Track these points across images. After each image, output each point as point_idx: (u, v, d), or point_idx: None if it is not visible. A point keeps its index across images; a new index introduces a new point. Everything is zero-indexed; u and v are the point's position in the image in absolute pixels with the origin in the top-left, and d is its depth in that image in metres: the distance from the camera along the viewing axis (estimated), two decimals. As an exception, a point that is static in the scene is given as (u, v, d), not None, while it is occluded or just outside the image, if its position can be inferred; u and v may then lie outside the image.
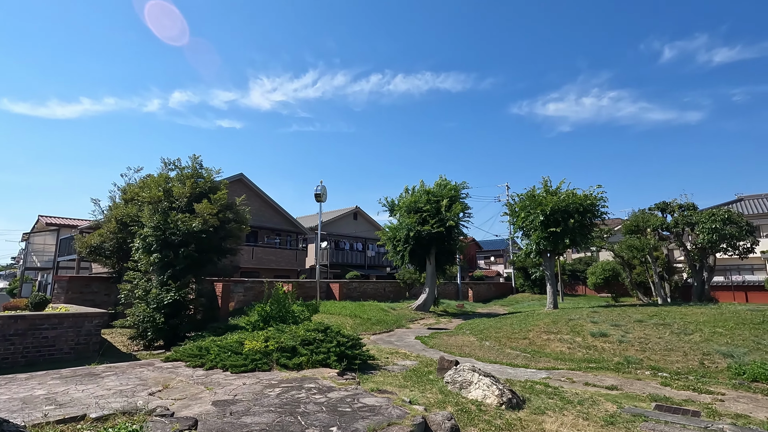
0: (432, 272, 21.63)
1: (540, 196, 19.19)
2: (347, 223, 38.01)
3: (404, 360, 9.34)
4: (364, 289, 24.11)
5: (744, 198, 37.38)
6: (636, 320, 11.92)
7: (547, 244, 18.82)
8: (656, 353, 9.67)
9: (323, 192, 19.52)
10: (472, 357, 10.37)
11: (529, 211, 19.25)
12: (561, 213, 18.15)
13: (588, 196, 18.52)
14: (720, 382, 7.82)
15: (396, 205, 22.53)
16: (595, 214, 18.89)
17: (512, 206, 21.11)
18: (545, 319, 13.68)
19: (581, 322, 12.45)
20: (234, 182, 26.02)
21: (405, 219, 20.90)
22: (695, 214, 21.81)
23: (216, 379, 6.61)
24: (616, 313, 13.10)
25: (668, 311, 12.95)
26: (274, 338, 8.29)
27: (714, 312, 12.31)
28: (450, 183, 21.86)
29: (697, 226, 20.98)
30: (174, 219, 13.07)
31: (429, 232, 20.09)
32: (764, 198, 36.57)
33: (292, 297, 12.84)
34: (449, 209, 20.58)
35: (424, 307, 21.12)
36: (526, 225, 19.53)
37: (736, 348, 9.12)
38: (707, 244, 20.41)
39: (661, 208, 24.21)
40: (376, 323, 16.00)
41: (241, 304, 17.29)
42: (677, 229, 22.54)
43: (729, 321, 10.91)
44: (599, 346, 10.58)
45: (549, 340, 11.63)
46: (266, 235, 30.05)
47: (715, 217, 20.34)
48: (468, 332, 14.41)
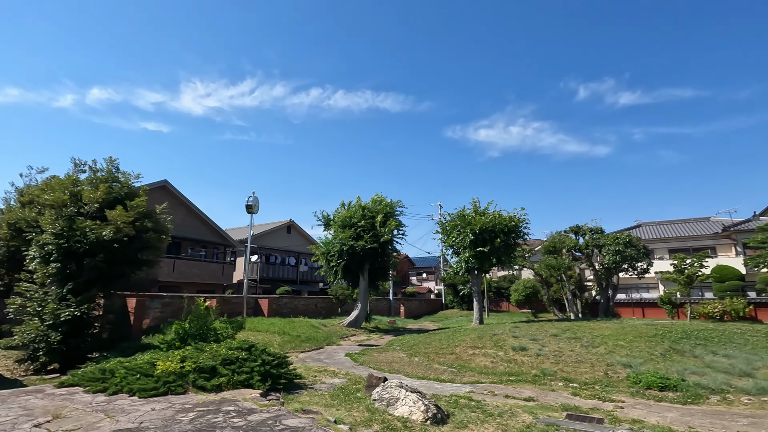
0: (365, 288, 21.59)
1: (470, 216, 20.11)
2: (280, 237, 36.89)
3: (333, 378, 9.12)
4: (294, 305, 23.39)
5: (642, 224, 42.29)
6: (552, 334, 12.79)
7: (475, 262, 19.69)
8: (568, 365, 10.41)
9: (255, 203, 18.81)
10: (401, 373, 10.41)
11: (459, 231, 20.06)
12: (488, 233, 19.15)
13: (513, 218, 19.75)
14: (621, 390, 8.59)
15: (331, 219, 22.34)
16: (519, 235, 20.18)
17: (444, 225, 21.89)
18: (471, 334, 14.19)
19: (504, 336, 13.09)
20: (156, 189, 24.19)
21: (340, 234, 20.76)
22: (603, 237, 24.20)
23: (120, 405, 5.94)
24: (534, 328, 13.96)
25: (579, 326, 14.06)
26: (192, 358, 7.69)
27: (617, 326, 13.59)
28: (386, 200, 22.18)
29: (604, 248, 23.25)
30: (81, 226, 11.76)
31: (363, 248, 20.11)
32: (658, 224, 41.65)
33: (215, 313, 12.05)
34: (384, 225, 20.81)
35: (355, 324, 20.94)
36: (457, 243, 20.31)
37: (634, 359, 10.11)
38: (612, 264, 22.66)
39: (574, 231, 26.51)
40: (305, 340, 15.53)
41: (157, 322, 15.89)
42: (588, 251, 24.80)
43: (629, 334, 12.10)
44: (519, 360, 11.17)
45: (474, 355, 12.05)
46: (190, 246, 28.16)
47: (619, 240, 22.71)
48: (398, 348, 14.49)
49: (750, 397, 7.95)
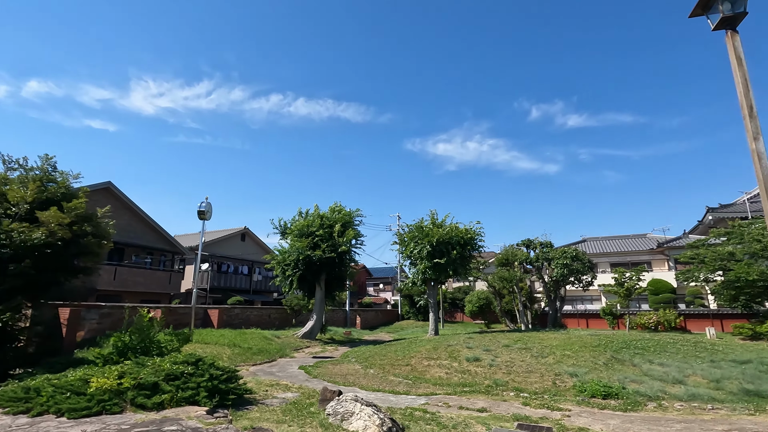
0: (321, 298, 21.22)
1: (427, 228, 20.41)
2: (234, 245, 35.60)
3: (285, 392, 8.80)
4: (246, 315, 22.53)
5: (587, 239, 44.80)
6: (504, 345, 13.12)
7: (432, 273, 19.95)
8: (519, 375, 10.70)
9: (208, 209, 18.03)
10: (356, 386, 10.24)
11: (417, 242, 20.28)
12: (445, 245, 19.50)
13: (469, 231, 20.26)
14: (568, 399, 8.92)
15: (288, 227, 21.86)
16: (474, 247, 20.71)
17: (402, 236, 22.05)
18: (427, 345, 14.27)
19: (458, 347, 13.27)
20: (99, 191, 22.63)
21: (297, 243, 20.33)
22: (552, 251, 25.35)
23: (45, 427, 5.39)
24: (488, 339, 14.27)
25: (530, 337, 14.54)
26: (132, 373, 7.14)
27: (564, 337, 14.18)
28: (344, 209, 22.04)
29: (553, 261, 24.35)
30: (6, 228, 10.71)
31: (320, 257, 19.80)
32: (601, 240, 44.29)
33: (159, 325, 11.31)
34: (342, 235, 20.64)
35: (310, 335, 20.48)
36: (414, 254, 20.50)
37: (580, 368, 10.56)
38: (560, 277, 23.76)
39: (526, 245, 27.60)
40: (257, 353, 14.95)
41: (93, 334, 14.69)
42: (538, 264, 25.86)
43: (575, 345, 12.65)
44: (473, 370, 11.34)
45: (429, 366, 12.11)
46: (135, 253, 26.49)
47: (566, 254, 23.87)
48: (353, 360, 14.29)
49: (682, 403, 8.52)
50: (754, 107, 5.15)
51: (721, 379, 9.67)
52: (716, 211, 34.81)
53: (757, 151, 5.02)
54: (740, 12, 5.28)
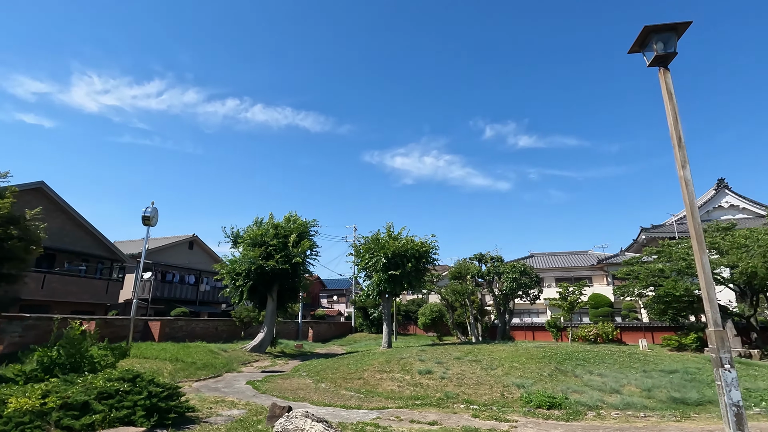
0: (272, 310, 20.60)
1: (383, 240, 20.49)
2: (181, 253, 33.87)
3: (231, 409, 8.40)
4: (192, 328, 21.40)
5: (535, 254, 46.92)
6: (455, 357, 13.33)
7: (387, 286, 19.99)
8: (470, 387, 10.89)
9: (154, 215, 17.08)
10: (307, 401, 9.98)
11: (373, 254, 20.28)
12: (401, 257, 19.65)
13: (424, 244, 20.56)
14: (515, 410, 9.18)
15: (240, 236, 21.14)
16: (429, 260, 21.02)
17: (358, 248, 22.00)
18: (380, 358, 14.21)
19: (411, 360, 13.32)
20: (30, 191, 20.82)
21: (249, 252, 19.68)
22: (502, 265, 26.29)
23: (-50, 455, 4.78)
24: (439, 352, 14.44)
25: (480, 349, 14.88)
26: (58, 392, 6.53)
27: (512, 349, 14.65)
28: (300, 219, 21.69)
29: (503, 275, 25.24)
30: None
31: (273, 268, 19.27)
32: (548, 255, 46.56)
33: (93, 338, 10.45)
34: (297, 245, 20.25)
35: (260, 348, 19.77)
36: (370, 266, 20.48)
37: (527, 380, 10.93)
38: (509, 291, 24.64)
39: (478, 259, 28.45)
40: (202, 368, 14.19)
41: (15, 348, 13.33)
42: (489, 277, 26.70)
43: (522, 356, 13.10)
44: (425, 383, 11.41)
45: (382, 379, 12.04)
46: (68, 259, 24.49)
47: (515, 268, 24.84)
48: (304, 374, 13.93)
49: (618, 412, 9.03)
50: (682, 138, 5.67)
51: (652, 388, 10.36)
52: (649, 231, 37.73)
53: (684, 178, 5.51)
54: (671, 52, 5.83)
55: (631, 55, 6.34)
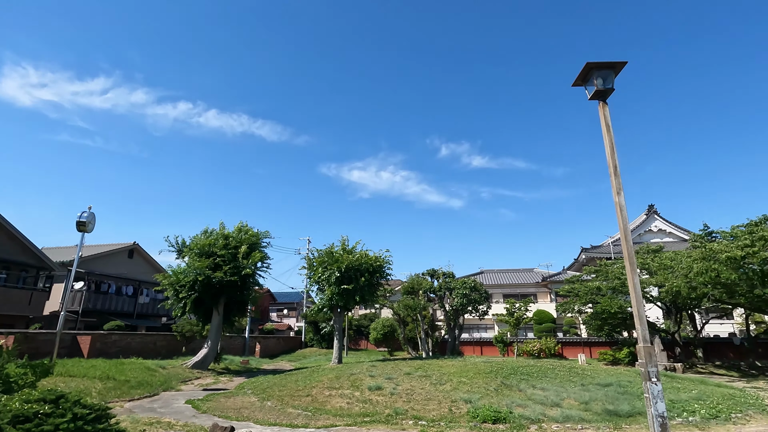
0: (218, 324, 19.68)
1: (337, 254, 20.33)
2: (120, 262, 31.66)
3: (167, 431, 7.87)
4: (127, 343, 19.94)
5: (484, 271, 48.40)
6: (405, 373, 13.36)
7: (340, 300, 19.78)
8: (419, 403, 10.93)
9: (90, 220, 15.87)
10: (251, 420, 9.56)
11: (326, 267, 20.05)
12: (354, 271, 19.56)
13: (378, 258, 20.62)
14: (462, 425, 9.31)
15: (186, 246, 20.15)
16: (382, 275, 21.08)
17: (311, 260, 21.67)
18: (329, 374, 13.94)
19: (361, 376, 13.18)
20: (-57, 189, 18.71)
21: (196, 262, 18.77)
22: (453, 281, 26.87)
23: None
24: (390, 367, 14.42)
25: (430, 364, 15.02)
26: (-36, 416, 5.80)
27: (461, 364, 14.92)
28: (252, 230, 21.05)
29: (454, 291, 25.78)
30: None
31: (221, 280, 18.49)
32: (496, 272, 48.19)
33: (11, 354, 9.43)
34: (247, 257, 19.60)
35: (202, 365, 18.75)
36: (323, 280, 20.21)
37: (474, 395, 11.15)
38: (459, 306, 25.17)
39: (430, 274, 28.90)
40: (136, 386, 13.22)
41: None
42: (441, 293, 27.17)
43: (470, 371, 13.36)
44: (374, 400, 11.31)
45: (331, 396, 11.80)
46: (-15, 266, 22.15)
47: (466, 285, 25.48)
48: (249, 392, 13.37)
49: (558, 425, 9.41)
50: (617, 167, 6.16)
51: (589, 401, 10.92)
52: (588, 251, 40.22)
53: (619, 204, 5.97)
54: (609, 88, 6.36)
55: (575, 87, 6.86)
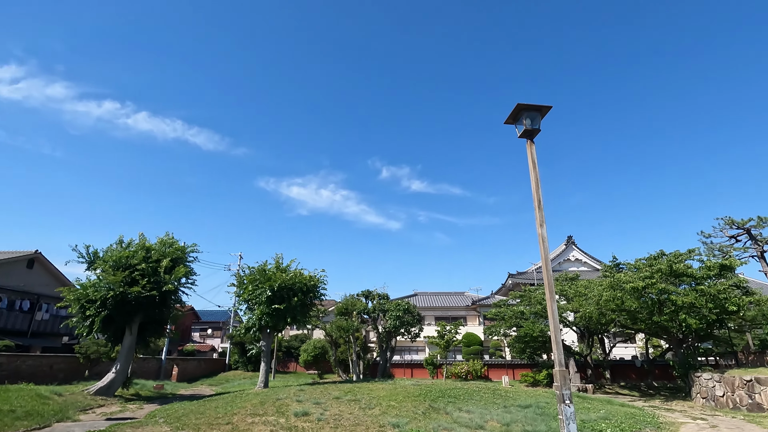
0: (130, 345, 17.91)
1: (270, 272, 19.62)
2: (16, 272, 27.88)
3: (57, 469, 6.90)
4: (15, 366, 17.45)
5: (418, 293, 49.26)
6: (334, 397, 13.03)
7: (270, 320, 18.97)
8: (347, 429, 10.65)
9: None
10: (161, 453, 8.69)
11: (257, 285, 19.22)
12: (287, 290, 18.94)
13: (313, 278, 20.18)
14: (389, 451, 9.20)
15: (99, 257, 18.30)
16: (316, 295, 20.62)
17: (242, 278, 20.69)
18: (254, 399, 13.19)
19: (287, 401, 12.62)
20: None
21: (109, 276, 17.05)
22: (387, 303, 27.01)
23: None
24: (319, 391, 13.98)
25: (360, 388, 14.80)
26: None
27: (391, 388, 14.87)
28: (177, 242, 19.70)
29: (388, 312, 25.88)
30: None
31: (138, 295, 16.94)
32: (430, 295, 49.26)
33: None
34: (170, 271, 18.22)
35: (108, 391, 16.86)
36: (253, 299, 19.32)
37: (402, 419, 11.12)
38: (392, 328, 25.28)
39: (365, 295, 28.82)
40: (23, 417, 11.51)
41: None
42: (374, 314, 27.13)
43: (400, 395, 13.35)
44: (300, 426, 10.84)
45: (254, 424, 11.13)
46: None
47: (400, 306, 25.72)
48: (161, 421, 12.20)
49: (481, 447, 9.65)
50: (541, 201, 6.66)
51: (510, 422, 11.36)
52: (514, 277, 42.63)
53: (542, 236, 6.43)
54: (536, 128, 6.93)
55: (507, 125, 7.38)
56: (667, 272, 19.18)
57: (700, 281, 19.10)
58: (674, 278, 19.46)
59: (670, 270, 19.14)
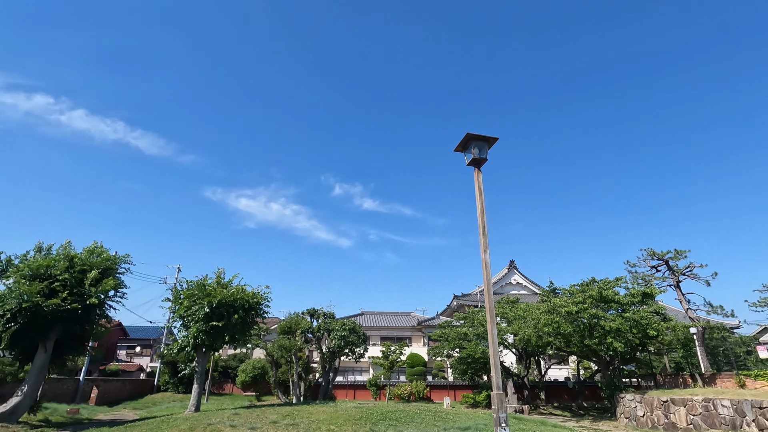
0: (43, 364, 16.11)
1: (210, 287, 18.63)
2: None
3: None
4: None
5: (365, 312, 48.90)
6: (271, 421, 12.43)
7: (206, 338, 17.90)
8: (282, 455, 10.17)
9: None
10: (68, 488, 7.78)
11: (195, 301, 18.15)
12: (227, 307, 18.03)
13: (256, 294, 19.39)
14: (325, 478, 8.87)
15: (13, 265, 16.50)
16: (258, 313, 19.81)
17: (178, 292, 19.49)
18: (182, 425, 12.28)
19: (221, 426, 11.87)
20: None
21: (23, 286, 15.34)
22: (333, 322, 26.53)
23: None
24: (255, 415, 13.30)
25: (299, 411, 14.26)
26: None
27: (332, 410, 14.46)
28: (107, 252, 18.23)
29: (333, 332, 25.38)
30: None
31: (56, 308, 15.34)
32: (376, 314, 49.05)
33: None
34: (97, 283, 16.75)
35: (10, 417, 14.97)
36: (189, 315, 18.19)
37: (341, 443, 10.81)
38: (337, 348, 24.78)
39: (311, 314, 28.15)
40: None
41: None
42: (319, 334, 26.50)
43: (341, 418, 13.01)
44: (232, 454, 10.21)
45: (180, 452, 10.32)
46: None
47: (345, 326, 25.34)
48: (73, 450, 10.98)
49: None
50: (486, 228, 6.92)
51: (450, 445, 11.41)
52: (459, 299, 43.62)
53: (485, 261, 6.66)
54: (483, 158, 7.25)
55: (457, 152, 7.66)
56: (597, 298, 20.54)
57: (626, 308, 20.62)
58: (604, 304, 20.86)
59: (600, 296, 20.51)
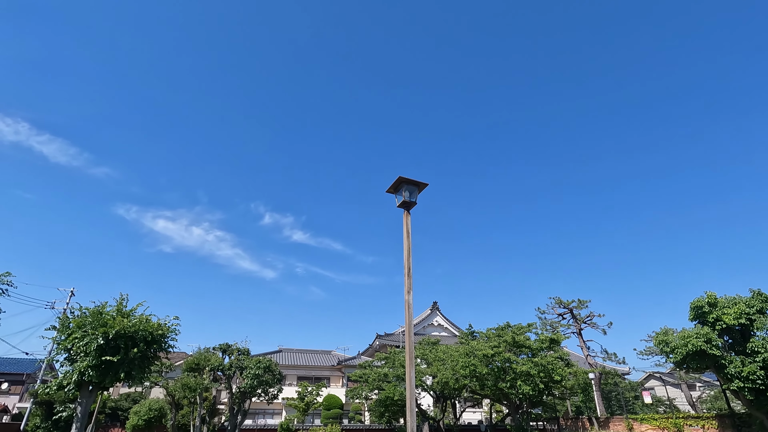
0: None
1: (108, 316, 16.59)
2: None
3: None
4: None
5: (283, 350, 46.45)
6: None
7: (96, 375, 15.68)
8: None
9: None
10: None
11: (87, 331, 15.99)
12: (126, 339, 16.10)
13: (162, 326, 17.60)
14: None
15: None
16: (162, 346, 17.93)
17: (68, 320, 17.06)
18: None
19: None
20: None
21: None
22: (247, 359, 24.79)
23: None
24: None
25: (198, 460, 12.83)
26: None
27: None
28: (-16, 270, 15.64)
29: (246, 370, 23.66)
30: None
31: None
32: (295, 352, 46.79)
33: None
34: (-38, 306, 14.15)
35: None
36: (77, 347, 15.92)
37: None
38: (249, 388, 23.05)
39: (223, 350, 26.10)
40: None
41: None
42: (230, 372, 24.54)
43: (244, 468, 11.91)
44: None
45: None
46: None
47: (260, 364, 23.80)
48: None
49: None
50: (411, 269, 7.07)
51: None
52: (382, 338, 43.33)
53: (408, 302, 6.75)
54: (413, 201, 7.52)
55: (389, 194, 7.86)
56: (511, 343, 21.60)
57: (536, 352, 21.90)
58: (516, 348, 21.97)
59: (513, 341, 21.62)
